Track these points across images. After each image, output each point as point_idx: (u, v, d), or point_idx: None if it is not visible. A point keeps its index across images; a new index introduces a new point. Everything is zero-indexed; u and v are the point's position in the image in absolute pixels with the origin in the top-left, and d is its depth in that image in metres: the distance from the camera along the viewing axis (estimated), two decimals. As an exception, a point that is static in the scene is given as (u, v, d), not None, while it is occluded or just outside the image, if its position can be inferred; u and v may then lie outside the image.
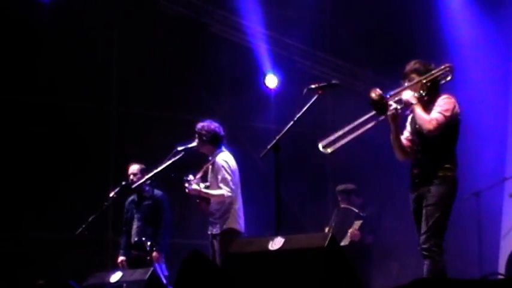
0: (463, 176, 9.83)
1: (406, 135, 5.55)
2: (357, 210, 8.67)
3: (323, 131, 11.65)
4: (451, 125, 5.34)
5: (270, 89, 11.08)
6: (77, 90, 10.28)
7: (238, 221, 7.19)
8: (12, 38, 9.89)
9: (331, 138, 5.38)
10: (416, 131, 5.44)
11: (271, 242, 4.68)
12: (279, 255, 4.60)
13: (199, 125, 7.30)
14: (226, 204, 7.14)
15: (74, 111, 10.37)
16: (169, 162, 7.16)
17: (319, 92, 5.45)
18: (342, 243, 8.39)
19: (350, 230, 8.56)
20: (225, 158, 7.22)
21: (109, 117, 10.72)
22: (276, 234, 4.99)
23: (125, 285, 6.25)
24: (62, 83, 10.17)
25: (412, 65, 5.48)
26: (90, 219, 7.64)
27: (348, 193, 8.96)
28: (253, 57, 11.07)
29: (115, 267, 7.91)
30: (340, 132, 5.34)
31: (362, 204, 8.73)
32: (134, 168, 8.27)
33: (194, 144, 7.25)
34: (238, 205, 7.22)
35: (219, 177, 7.14)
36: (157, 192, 8.35)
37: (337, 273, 4.41)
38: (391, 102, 5.31)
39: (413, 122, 5.49)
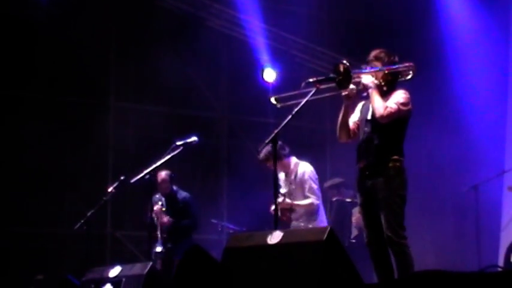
0: (462, 169, 9.94)
1: (354, 119, 5.63)
2: (349, 200, 8.68)
3: (321, 126, 11.75)
4: (402, 119, 5.41)
5: (268, 83, 11.07)
6: (74, 85, 10.28)
7: (323, 220, 7.48)
8: (10, 34, 9.89)
9: (285, 95, 5.58)
10: (368, 121, 5.49)
11: (269, 236, 4.67)
12: (277, 249, 4.59)
13: (265, 153, 7.28)
14: (312, 208, 7.39)
15: (72, 106, 10.37)
16: (168, 157, 7.15)
17: (318, 85, 5.44)
18: (352, 237, 8.42)
19: (354, 218, 8.58)
20: (307, 169, 7.44)
21: (107, 111, 10.71)
22: (275, 228, 4.99)
23: (123, 279, 6.23)
24: (59, 78, 10.17)
25: (377, 52, 5.56)
26: (88, 214, 7.64)
27: (337, 187, 9.03)
28: (251, 52, 11.06)
29: (114, 262, 7.91)
30: (295, 93, 5.51)
31: (353, 195, 8.73)
32: (162, 175, 8.36)
33: (193, 139, 7.25)
34: (321, 206, 7.49)
35: (306, 186, 7.38)
36: (185, 194, 8.57)
37: (336, 267, 4.41)
38: None
39: (365, 110, 5.55)
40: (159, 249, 8.22)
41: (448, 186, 10.26)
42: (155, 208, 8.30)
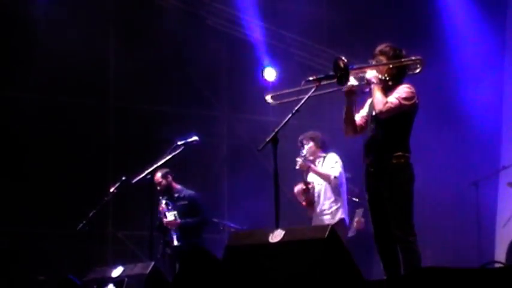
0: (462, 166, 9.96)
1: (362, 114, 5.59)
2: (356, 199, 8.65)
3: (321, 123, 11.73)
4: (407, 113, 5.35)
5: (268, 82, 11.08)
6: (74, 86, 10.28)
7: (346, 212, 7.56)
8: (8, 34, 9.88)
9: (281, 93, 5.61)
10: (373, 116, 5.44)
11: (271, 235, 4.69)
12: (279, 248, 4.60)
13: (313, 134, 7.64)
14: (337, 197, 7.46)
15: (72, 107, 10.37)
16: (169, 156, 7.16)
17: (317, 83, 5.45)
18: (349, 235, 8.42)
19: (355, 220, 8.57)
20: (337, 158, 7.60)
21: (107, 112, 10.72)
22: (276, 227, 5.00)
23: (126, 279, 6.24)
24: (59, 78, 10.16)
25: (382, 47, 5.50)
26: (90, 214, 7.65)
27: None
28: (251, 50, 11.07)
29: (116, 262, 7.92)
30: (291, 90, 5.52)
31: (359, 193, 8.74)
32: (157, 176, 8.38)
33: (194, 138, 7.26)
34: (344, 199, 7.56)
35: (329, 164, 7.50)
36: (190, 192, 8.59)
37: (337, 264, 4.42)
38: (350, 78, 5.35)
39: (372, 106, 5.49)
40: (175, 243, 8.22)
41: (447, 183, 10.28)
42: (160, 208, 8.31)
